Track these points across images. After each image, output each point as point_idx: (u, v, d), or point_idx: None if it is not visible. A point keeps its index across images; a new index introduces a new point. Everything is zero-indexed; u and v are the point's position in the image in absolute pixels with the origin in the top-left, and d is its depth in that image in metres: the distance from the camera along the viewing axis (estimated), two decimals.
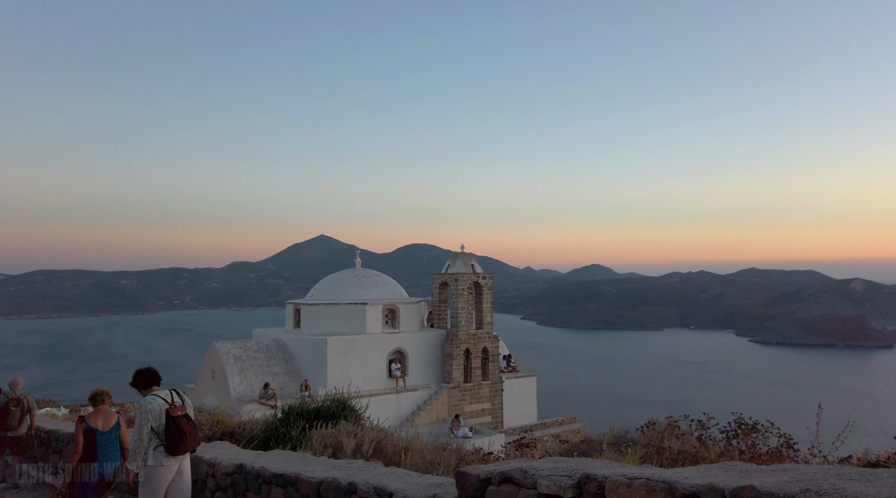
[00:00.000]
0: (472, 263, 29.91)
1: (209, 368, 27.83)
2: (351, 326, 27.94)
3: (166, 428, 5.87)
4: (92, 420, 7.03)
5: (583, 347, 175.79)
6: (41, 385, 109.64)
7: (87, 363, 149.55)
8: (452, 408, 28.26)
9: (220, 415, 15.69)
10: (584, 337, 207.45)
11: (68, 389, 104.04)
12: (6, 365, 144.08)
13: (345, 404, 13.25)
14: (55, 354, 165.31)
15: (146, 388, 6.23)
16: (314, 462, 5.45)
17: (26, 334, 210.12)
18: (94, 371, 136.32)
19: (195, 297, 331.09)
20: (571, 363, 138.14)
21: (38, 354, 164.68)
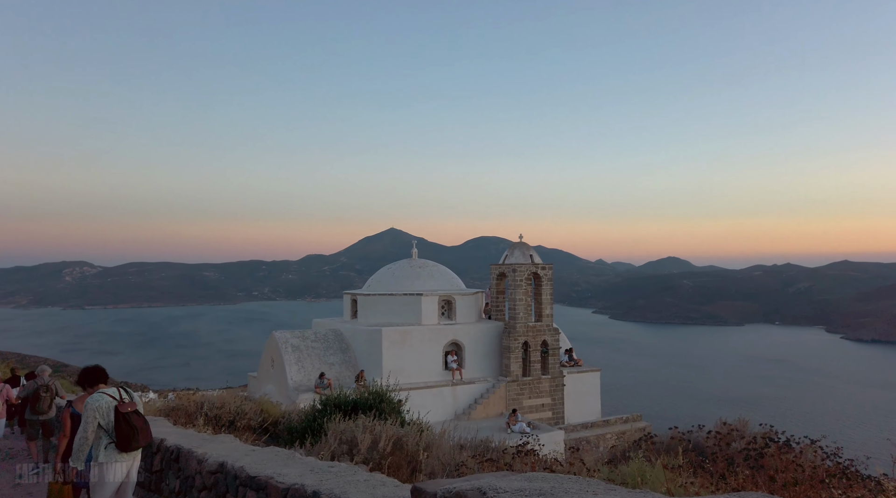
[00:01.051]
0: (530, 252, 28.88)
1: (269, 357, 28.27)
2: (406, 317, 27.60)
3: (116, 425, 5.80)
4: (79, 405, 6.95)
5: (657, 343, 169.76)
6: (133, 370, 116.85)
7: (175, 351, 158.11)
8: (510, 402, 27.44)
9: (266, 404, 15.60)
10: (659, 332, 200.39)
11: (158, 374, 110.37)
12: (104, 351, 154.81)
13: (383, 397, 12.77)
14: (146, 341, 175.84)
15: (92, 386, 6.24)
16: (297, 463, 4.89)
17: (120, 323, 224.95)
18: (181, 358, 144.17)
19: (272, 288, 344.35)
20: (644, 359, 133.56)
21: (131, 342, 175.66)
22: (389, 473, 7.72)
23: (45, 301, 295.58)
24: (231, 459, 5.19)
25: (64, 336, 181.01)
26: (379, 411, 12.56)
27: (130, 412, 5.91)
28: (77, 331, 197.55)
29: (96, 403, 5.88)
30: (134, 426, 5.82)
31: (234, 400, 14.41)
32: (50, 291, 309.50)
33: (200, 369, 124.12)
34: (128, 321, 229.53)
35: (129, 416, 5.87)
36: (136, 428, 5.83)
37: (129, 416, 5.87)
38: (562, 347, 30.03)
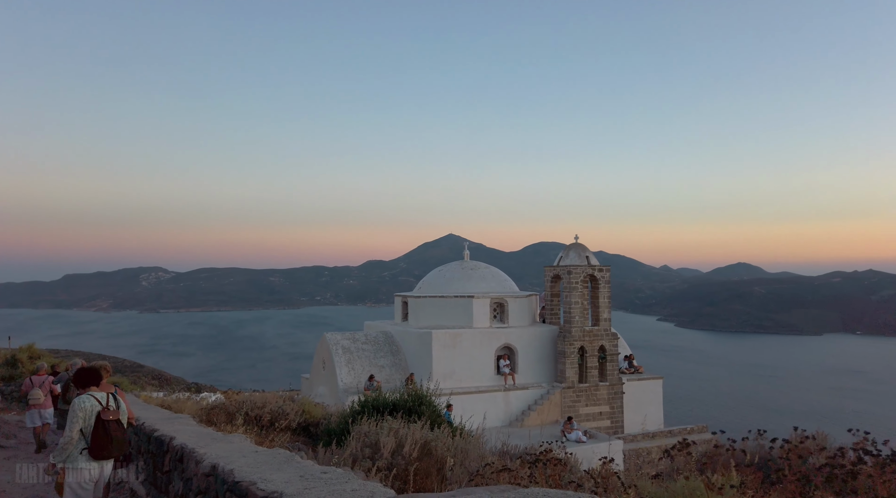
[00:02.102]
0: (586, 254, 27.71)
1: (321, 359, 28.24)
2: (457, 320, 26.97)
3: (94, 430, 5.81)
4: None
5: (726, 352, 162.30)
6: (203, 372, 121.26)
7: (243, 353, 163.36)
8: (566, 409, 26.31)
9: (307, 405, 15.28)
10: (729, 341, 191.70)
11: (227, 375, 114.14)
12: (177, 353, 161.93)
13: (423, 399, 12.18)
14: (216, 343, 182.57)
15: (84, 387, 6.18)
16: (291, 468, 4.33)
17: (192, 325, 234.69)
18: (247, 360, 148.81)
19: (334, 293, 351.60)
20: (712, 368, 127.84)
21: (201, 344, 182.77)
22: (416, 480, 7.10)
23: (124, 305, 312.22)
24: (224, 462, 4.68)
25: (141, 338, 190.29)
26: (418, 415, 11.98)
27: (111, 421, 5.89)
28: (153, 333, 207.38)
29: (84, 404, 5.91)
30: (111, 436, 5.81)
31: (276, 400, 14.16)
32: (128, 296, 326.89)
33: (266, 371, 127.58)
34: (199, 324, 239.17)
35: (109, 424, 5.85)
36: (112, 438, 5.82)
37: (109, 424, 5.85)
38: (621, 353, 28.66)
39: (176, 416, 8.61)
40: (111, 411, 5.98)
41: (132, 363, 77.18)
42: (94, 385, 6.23)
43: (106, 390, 6.85)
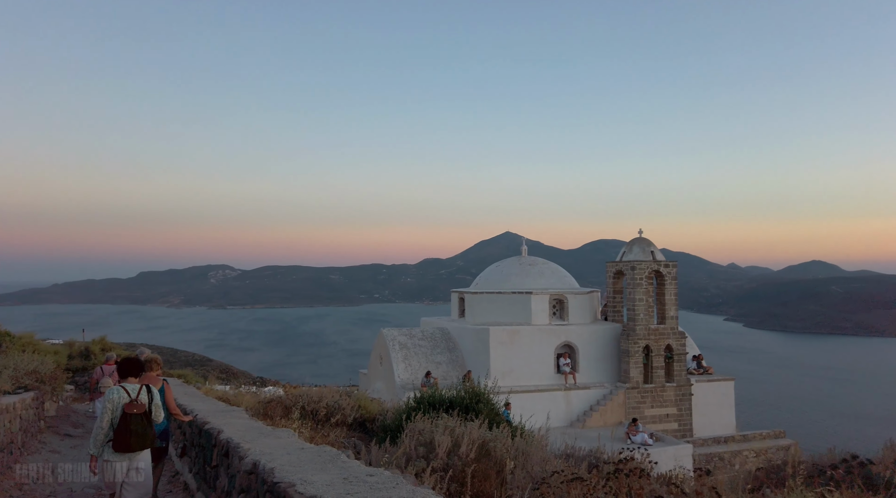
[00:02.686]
0: (651, 249, 26.48)
1: (378, 355, 28.17)
2: (515, 316, 26.30)
3: (118, 423, 5.85)
4: None
5: (799, 353, 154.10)
6: (267, 366, 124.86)
7: (305, 348, 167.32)
8: (630, 411, 25.23)
9: (363, 400, 15.05)
10: (802, 342, 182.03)
11: (289, 370, 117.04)
12: (242, 347, 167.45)
13: (481, 396, 11.69)
14: (279, 339, 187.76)
15: (123, 377, 6.23)
16: (336, 468, 3.91)
17: (257, 322, 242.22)
18: (309, 356, 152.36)
19: (392, 291, 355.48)
20: (784, 370, 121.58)
21: (266, 339, 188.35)
22: (474, 483, 6.61)
23: (193, 301, 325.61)
24: (267, 459, 4.32)
25: (209, 333, 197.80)
26: (476, 413, 11.48)
27: (135, 414, 5.89)
28: (220, 329, 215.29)
29: (112, 396, 5.98)
30: (131, 429, 5.81)
31: (332, 395, 13.99)
32: (197, 292, 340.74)
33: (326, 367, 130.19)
34: (263, 320, 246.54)
35: (132, 418, 5.85)
36: (132, 432, 5.80)
37: (132, 418, 5.85)
38: (689, 353, 27.28)
39: (230, 409, 8.44)
40: (137, 405, 5.94)
41: (201, 357, 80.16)
42: (132, 376, 6.23)
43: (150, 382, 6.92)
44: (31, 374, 12.51)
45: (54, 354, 16.05)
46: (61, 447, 11.78)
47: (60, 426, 13.61)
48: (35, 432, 11.67)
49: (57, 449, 11.44)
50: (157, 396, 6.29)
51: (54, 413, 14.55)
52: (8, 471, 8.33)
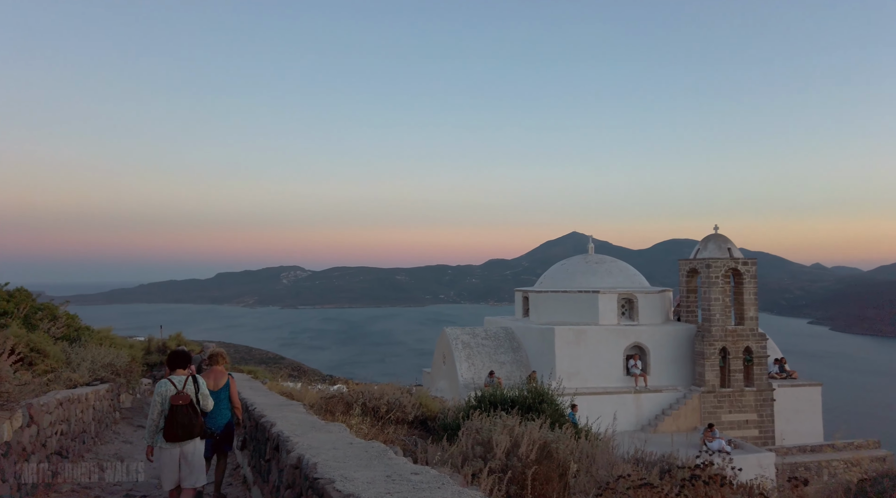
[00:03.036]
0: (727, 245, 25.05)
1: (441, 353, 28.01)
2: (582, 316, 25.49)
3: (167, 414, 6.13)
4: (205, 379, 7.27)
5: (892, 360, 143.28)
6: (337, 364, 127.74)
7: (372, 348, 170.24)
8: (705, 416, 23.95)
9: (424, 398, 14.86)
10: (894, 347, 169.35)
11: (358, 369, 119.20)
12: (313, 346, 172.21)
13: (545, 397, 11.24)
14: (348, 338, 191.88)
15: (171, 370, 6.46)
16: (380, 465, 3.64)
17: (326, 321, 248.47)
18: (377, 355, 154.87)
19: (457, 292, 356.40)
20: (875, 377, 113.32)
21: (335, 339, 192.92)
22: (535, 486, 6.20)
23: (267, 301, 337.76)
24: (312, 454, 4.11)
25: (281, 332, 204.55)
26: (538, 413, 11.04)
27: (181, 405, 6.14)
28: (292, 328, 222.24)
29: (160, 389, 6.28)
30: (176, 420, 6.07)
31: (393, 392, 13.87)
32: (270, 292, 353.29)
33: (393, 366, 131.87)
34: (332, 320, 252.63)
35: (178, 408, 6.11)
36: (178, 422, 6.06)
37: (178, 408, 6.11)
38: (770, 356, 25.64)
39: (288, 403, 8.38)
40: (182, 396, 6.17)
41: (274, 355, 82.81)
42: (179, 368, 6.43)
43: (216, 376, 7.36)
44: (107, 366, 13.00)
45: (129, 348, 16.72)
46: (134, 438, 12.17)
47: (135, 418, 14.11)
48: (110, 423, 12.10)
49: (129, 439, 11.82)
50: (203, 386, 6.47)
51: (129, 405, 15.13)
52: (80, 459, 8.60)
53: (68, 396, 8.13)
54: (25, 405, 6.12)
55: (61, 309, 15.61)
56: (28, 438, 6.17)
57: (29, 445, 6.20)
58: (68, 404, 8.06)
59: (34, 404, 6.38)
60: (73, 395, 8.56)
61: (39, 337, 12.36)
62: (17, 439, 5.79)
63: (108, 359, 13.31)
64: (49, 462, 6.90)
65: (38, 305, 14.81)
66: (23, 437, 5.99)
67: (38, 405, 6.52)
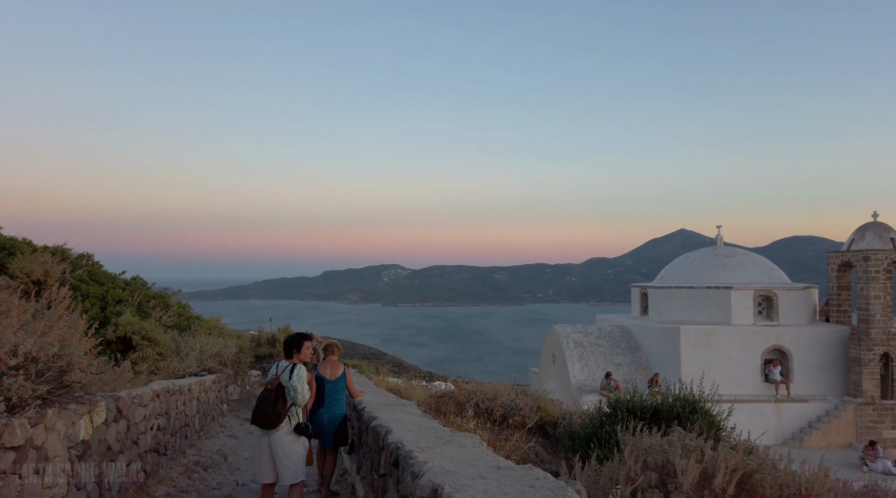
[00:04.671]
0: (890, 235, 21.51)
1: (550, 352, 26.32)
2: (710, 315, 22.88)
3: (258, 397, 5.78)
4: (322, 369, 7.15)
5: None
6: (436, 361, 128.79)
7: (470, 345, 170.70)
8: (863, 432, 20.68)
9: (543, 400, 13.39)
10: None
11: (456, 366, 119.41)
12: (413, 342, 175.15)
13: (696, 406, 9.45)
14: (447, 336, 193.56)
15: (288, 356, 6.07)
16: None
17: (426, 318, 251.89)
18: (475, 353, 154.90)
19: (556, 291, 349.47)
20: None
21: (434, 336, 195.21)
22: None
23: (369, 298, 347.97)
24: (451, 484, 2.84)
25: (383, 328, 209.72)
26: (689, 425, 9.25)
27: (266, 390, 5.72)
28: (393, 324, 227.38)
29: (270, 372, 6.00)
30: (258, 405, 5.63)
31: (509, 392, 12.54)
32: (373, 290, 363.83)
33: (491, 363, 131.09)
34: (431, 317, 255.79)
35: (263, 393, 5.69)
36: (258, 407, 5.60)
37: (263, 393, 5.69)
38: None
39: (400, 402, 7.25)
40: (271, 381, 5.76)
41: (376, 351, 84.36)
42: (287, 355, 6.00)
43: (332, 367, 7.07)
44: (215, 356, 12.62)
45: (238, 338, 16.50)
46: (240, 432, 11.64)
47: (242, 410, 13.71)
48: (217, 416, 11.64)
49: (235, 434, 11.28)
50: (297, 377, 5.85)
51: (238, 397, 14.82)
52: (180, 456, 7.93)
53: (167, 387, 7.46)
54: (112, 397, 5.33)
55: (174, 298, 15.59)
56: (115, 434, 5.39)
57: (116, 442, 5.42)
58: (167, 396, 7.37)
59: (123, 397, 5.61)
60: (174, 386, 7.91)
61: (151, 325, 12.10)
62: (99, 437, 4.99)
63: (217, 349, 12.95)
64: (142, 461, 6.16)
65: (152, 294, 14.81)
66: (107, 433, 5.20)
67: (128, 398, 5.75)
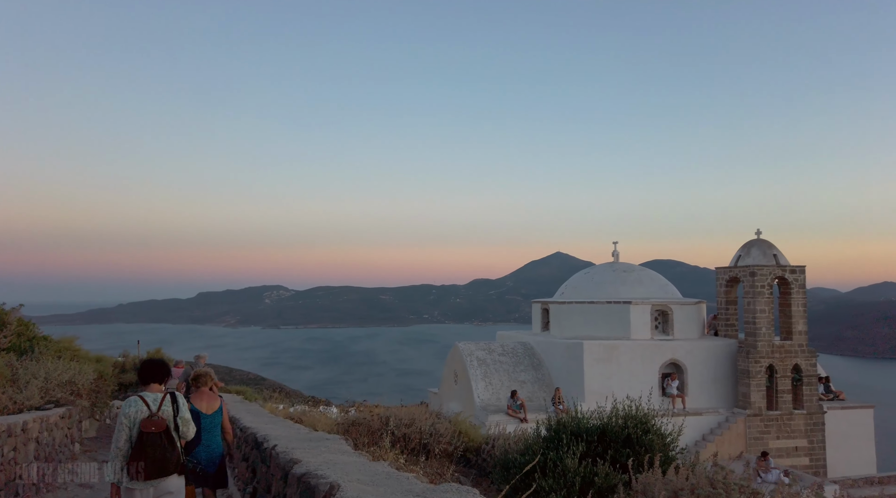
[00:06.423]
0: (773, 252, 22.80)
1: (452, 371, 25.25)
2: (611, 330, 22.98)
3: (135, 443, 4.60)
4: (196, 402, 6.22)
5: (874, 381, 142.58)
6: (319, 384, 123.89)
7: (356, 367, 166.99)
8: (751, 442, 21.44)
9: (464, 426, 12.15)
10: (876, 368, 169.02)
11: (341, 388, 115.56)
12: (296, 366, 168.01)
13: (649, 425, 8.68)
14: (331, 358, 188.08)
15: (145, 383, 4.95)
16: None
17: (310, 341, 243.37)
18: (360, 374, 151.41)
19: (441, 311, 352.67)
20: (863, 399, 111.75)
21: (318, 358, 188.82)
22: None
23: (249, 321, 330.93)
24: None
25: (263, 352, 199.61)
26: (641, 448, 8.43)
27: (153, 433, 4.56)
28: (274, 347, 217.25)
29: (127, 409, 4.71)
30: (146, 452, 4.50)
31: (426, 417, 11.19)
32: (253, 312, 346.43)
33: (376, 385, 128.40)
34: (316, 340, 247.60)
35: (150, 437, 4.49)
36: (147, 455, 4.48)
37: (150, 437, 4.49)
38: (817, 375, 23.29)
39: (321, 437, 5.69)
40: (156, 421, 4.61)
41: (255, 376, 79.27)
42: (155, 383, 4.90)
43: (205, 400, 5.96)
44: (66, 385, 10.16)
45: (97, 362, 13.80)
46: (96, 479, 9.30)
47: (100, 451, 11.20)
48: (64, 460, 9.23)
49: (89, 483, 8.97)
50: (184, 407, 4.93)
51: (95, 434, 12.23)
52: None
53: None
54: None
55: (13, 315, 12.72)
56: None
57: None
58: None
59: None
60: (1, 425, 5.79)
61: None
62: None
63: (68, 375, 10.48)
64: None
65: None
66: None
67: None
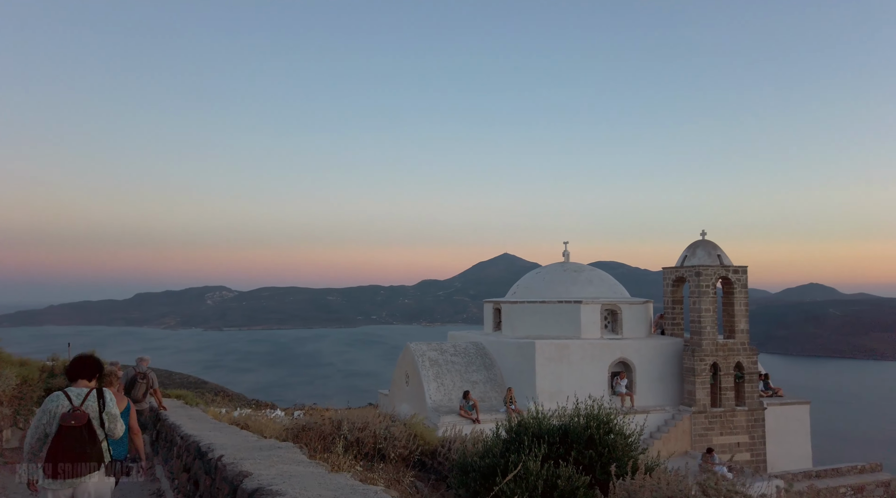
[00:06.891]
0: (717, 252, 23.43)
1: (403, 372, 24.86)
2: (562, 329, 23.11)
3: (52, 439, 4.39)
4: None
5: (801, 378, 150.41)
6: (263, 387, 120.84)
7: (302, 369, 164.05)
8: (696, 439, 21.94)
9: (419, 428, 11.77)
10: (803, 366, 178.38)
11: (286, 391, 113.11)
12: (239, 369, 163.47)
13: (611, 425, 8.51)
14: (276, 360, 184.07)
15: (72, 380, 4.81)
16: None
17: (254, 343, 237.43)
18: (306, 377, 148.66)
19: (390, 312, 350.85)
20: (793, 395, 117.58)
21: (263, 360, 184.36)
22: None
23: (190, 323, 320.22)
24: None
25: (205, 355, 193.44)
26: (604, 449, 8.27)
27: (72, 427, 4.40)
28: (216, 350, 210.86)
29: (48, 405, 4.56)
30: (62, 446, 4.33)
31: (380, 420, 10.78)
32: (194, 314, 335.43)
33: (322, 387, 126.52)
34: (260, 342, 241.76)
35: (68, 431, 4.38)
36: (63, 449, 4.29)
37: (68, 431, 4.38)
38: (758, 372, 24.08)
39: (271, 444, 5.25)
40: (76, 415, 4.42)
41: (196, 379, 76.65)
42: (83, 379, 4.75)
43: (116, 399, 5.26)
44: None
45: (20, 366, 12.75)
46: (18, 493, 8.51)
47: None
48: None
49: (10, 495, 8.19)
50: (112, 403, 4.72)
51: (18, 444, 11.26)
52: None
53: None
54: None
55: None
56: None
57: None
58: None
59: None
60: None
61: None
62: None
63: None
64: None
65: None
66: None
67: None
